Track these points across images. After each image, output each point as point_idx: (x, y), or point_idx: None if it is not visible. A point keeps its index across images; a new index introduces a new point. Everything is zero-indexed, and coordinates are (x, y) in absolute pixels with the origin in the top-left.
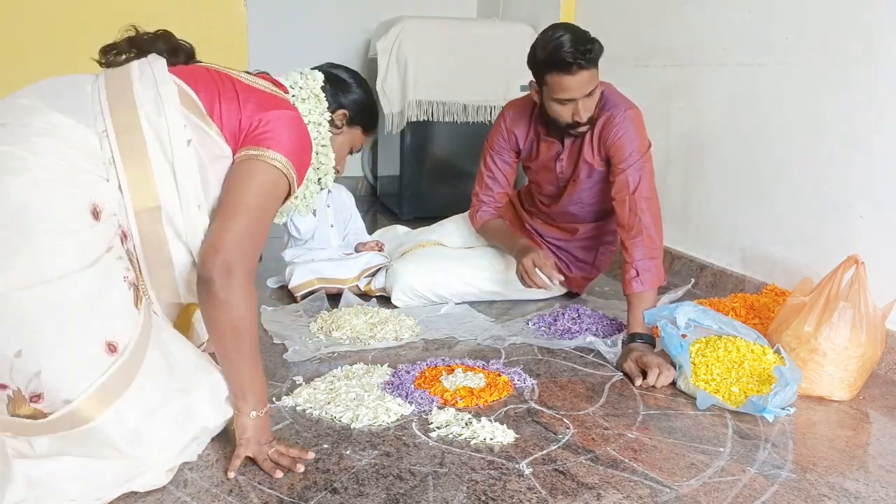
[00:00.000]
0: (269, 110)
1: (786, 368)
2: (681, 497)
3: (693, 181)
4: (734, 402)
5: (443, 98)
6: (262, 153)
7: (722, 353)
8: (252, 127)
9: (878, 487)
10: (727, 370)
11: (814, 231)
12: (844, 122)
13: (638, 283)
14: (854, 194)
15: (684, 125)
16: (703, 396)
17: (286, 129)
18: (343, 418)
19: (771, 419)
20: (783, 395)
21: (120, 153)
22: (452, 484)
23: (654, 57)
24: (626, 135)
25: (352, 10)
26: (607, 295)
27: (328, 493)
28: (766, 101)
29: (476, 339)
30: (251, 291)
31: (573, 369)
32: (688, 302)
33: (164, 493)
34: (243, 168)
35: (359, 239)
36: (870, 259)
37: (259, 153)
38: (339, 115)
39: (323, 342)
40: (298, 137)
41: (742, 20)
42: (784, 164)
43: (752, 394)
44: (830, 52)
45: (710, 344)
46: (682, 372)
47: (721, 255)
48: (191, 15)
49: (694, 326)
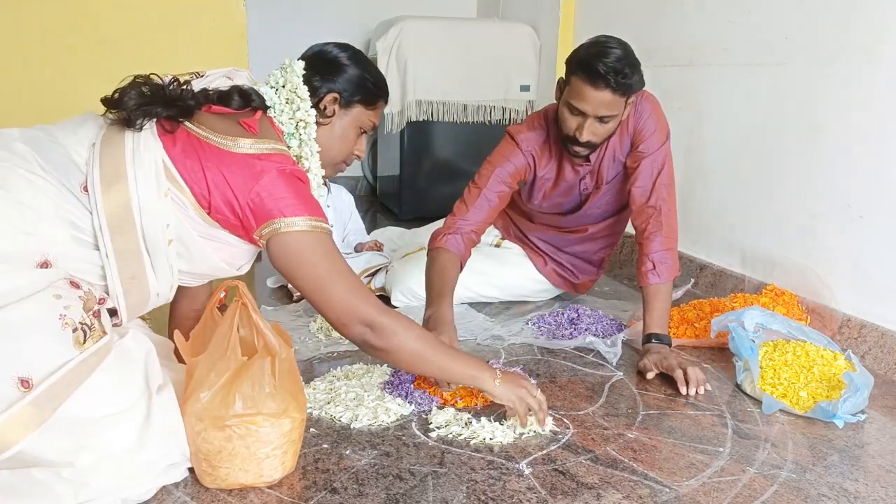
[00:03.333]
0: (258, 180)
1: (856, 374)
2: (680, 497)
3: (693, 181)
4: (802, 408)
5: (442, 98)
6: (282, 225)
7: (791, 358)
8: (258, 201)
9: (878, 487)
10: (796, 374)
11: (813, 231)
12: (844, 122)
13: (654, 275)
14: (854, 194)
15: (684, 125)
16: (769, 401)
17: (283, 188)
18: (343, 418)
19: (841, 425)
20: (853, 400)
21: (108, 224)
22: (452, 484)
23: (654, 57)
24: (651, 117)
25: (351, 9)
26: (607, 295)
27: (328, 492)
28: (765, 101)
29: (476, 339)
30: (397, 322)
31: (573, 369)
32: (755, 307)
33: (164, 493)
34: (282, 248)
35: (358, 239)
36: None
37: (280, 226)
38: (328, 101)
39: (322, 342)
40: (296, 186)
41: (742, 20)
42: (784, 163)
43: (820, 399)
44: (830, 52)
45: (778, 348)
46: (749, 375)
47: (721, 255)
48: (191, 15)
49: (762, 330)
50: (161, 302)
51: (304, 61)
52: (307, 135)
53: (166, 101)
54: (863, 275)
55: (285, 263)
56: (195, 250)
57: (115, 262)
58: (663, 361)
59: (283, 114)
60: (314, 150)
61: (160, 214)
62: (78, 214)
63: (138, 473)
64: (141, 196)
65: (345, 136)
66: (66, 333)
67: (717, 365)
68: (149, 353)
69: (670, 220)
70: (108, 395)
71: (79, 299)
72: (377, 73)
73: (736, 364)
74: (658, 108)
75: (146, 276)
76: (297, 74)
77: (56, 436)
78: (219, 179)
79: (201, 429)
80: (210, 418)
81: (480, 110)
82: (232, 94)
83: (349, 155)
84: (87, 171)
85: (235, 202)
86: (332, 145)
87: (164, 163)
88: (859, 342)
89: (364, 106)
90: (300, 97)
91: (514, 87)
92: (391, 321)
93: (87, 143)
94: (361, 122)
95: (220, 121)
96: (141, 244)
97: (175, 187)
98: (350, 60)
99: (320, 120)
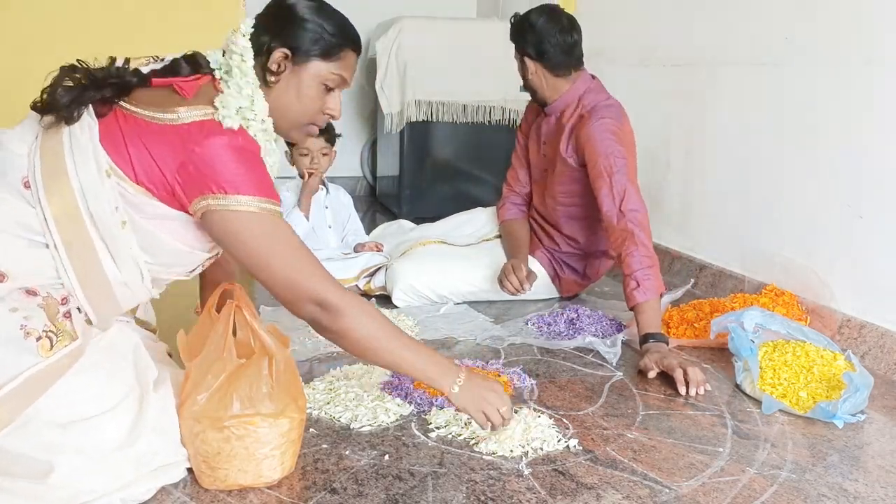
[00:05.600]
0: (189, 152)
1: (856, 374)
2: (680, 497)
3: (693, 181)
4: (802, 408)
5: (442, 98)
6: (220, 202)
7: (790, 358)
8: (186, 175)
9: (878, 487)
10: (795, 375)
11: (813, 231)
12: (844, 122)
13: (640, 293)
14: (854, 194)
15: (684, 125)
16: (769, 401)
17: (225, 161)
18: (342, 418)
19: (840, 425)
20: (853, 400)
21: (61, 238)
22: (452, 484)
23: (654, 57)
24: (599, 143)
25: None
26: (607, 295)
27: (327, 493)
28: (765, 101)
29: (475, 339)
30: (351, 303)
31: (572, 369)
32: (755, 307)
33: (163, 494)
34: (219, 225)
35: (357, 240)
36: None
37: (218, 202)
38: (278, 59)
39: (322, 342)
40: (240, 159)
41: (742, 20)
42: (784, 163)
43: (820, 399)
44: (830, 52)
45: (777, 348)
46: (749, 375)
47: (720, 255)
48: (190, 14)
49: (762, 331)
50: (141, 297)
51: (257, 18)
52: (244, 96)
53: (98, 83)
54: (863, 275)
55: (223, 240)
56: (147, 236)
57: (65, 254)
58: (664, 360)
59: (227, 75)
60: (258, 114)
61: (106, 195)
62: (22, 212)
63: (131, 471)
64: (82, 179)
65: (304, 95)
66: (30, 343)
67: (717, 365)
68: (136, 348)
69: (643, 240)
70: (91, 396)
71: (38, 307)
72: (340, 20)
73: (735, 364)
74: (615, 131)
75: (102, 266)
76: (243, 33)
77: (41, 436)
78: (142, 154)
79: (199, 430)
80: (208, 420)
81: (480, 110)
82: (179, 62)
83: (316, 114)
84: (29, 165)
85: (163, 177)
86: (288, 106)
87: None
88: (859, 342)
89: (323, 59)
90: (242, 57)
91: (514, 87)
92: (344, 301)
93: (28, 138)
94: (323, 77)
95: (157, 93)
96: (91, 231)
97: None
98: (305, 10)
99: (271, 79)
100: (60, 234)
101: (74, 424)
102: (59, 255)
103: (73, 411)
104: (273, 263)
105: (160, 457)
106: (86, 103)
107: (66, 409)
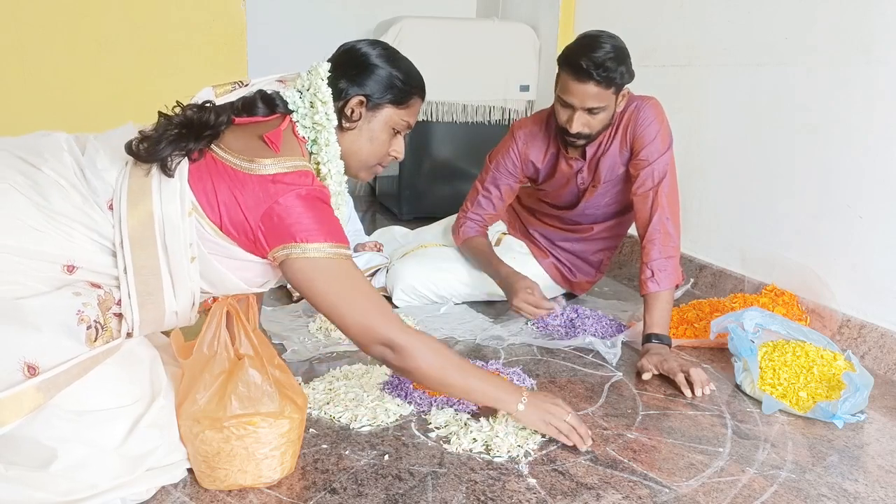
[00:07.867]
0: (273, 203)
1: (855, 374)
2: (680, 497)
3: (693, 181)
4: (802, 408)
5: (442, 98)
6: (296, 250)
7: (790, 358)
8: (270, 224)
9: (878, 488)
10: (795, 375)
11: (813, 231)
12: (844, 122)
13: (654, 283)
14: (854, 194)
15: (684, 125)
16: (769, 401)
17: (303, 211)
18: (342, 418)
19: (840, 426)
20: (853, 400)
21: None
22: (452, 484)
23: (654, 57)
24: (652, 124)
25: (351, 9)
26: (607, 295)
27: (327, 493)
28: (765, 101)
29: (475, 339)
30: (417, 342)
31: (572, 369)
32: (755, 307)
33: (163, 494)
34: (297, 273)
35: (357, 240)
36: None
37: (294, 251)
38: (354, 105)
39: (322, 342)
40: (315, 209)
41: (742, 20)
42: (783, 163)
43: (820, 399)
44: (830, 52)
45: (777, 348)
46: (749, 375)
47: (720, 255)
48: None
49: (762, 331)
50: (182, 323)
51: (332, 62)
52: (323, 139)
53: (196, 134)
54: (863, 275)
55: (300, 286)
56: (213, 272)
57: (133, 276)
58: (664, 364)
59: (305, 118)
60: (333, 155)
61: (183, 232)
62: (103, 226)
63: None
64: (165, 213)
65: (374, 139)
66: (81, 329)
67: (717, 365)
68: (154, 359)
69: (669, 228)
70: (108, 390)
71: (97, 298)
72: (409, 69)
73: (735, 364)
74: (661, 116)
75: (163, 294)
76: (322, 77)
77: (51, 422)
78: (230, 200)
79: (199, 430)
80: (208, 420)
81: (480, 110)
82: (255, 101)
83: (383, 157)
84: (115, 189)
85: (247, 224)
86: (361, 149)
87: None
88: (859, 342)
89: (394, 106)
90: (322, 101)
91: (514, 87)
92: (410, 341)
93: (119, 164)
94: (393, 122)
95: (243, 136)
96: (161, 261)
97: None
98: (378, 59)
99: (346, 124)
100: (133, 258)
101: (87, 414)
102: (127, 277)
103: (89, 402)
104: (345, 309)
105: (160, 457)
106: (184, 156)
107: (83, 399)
